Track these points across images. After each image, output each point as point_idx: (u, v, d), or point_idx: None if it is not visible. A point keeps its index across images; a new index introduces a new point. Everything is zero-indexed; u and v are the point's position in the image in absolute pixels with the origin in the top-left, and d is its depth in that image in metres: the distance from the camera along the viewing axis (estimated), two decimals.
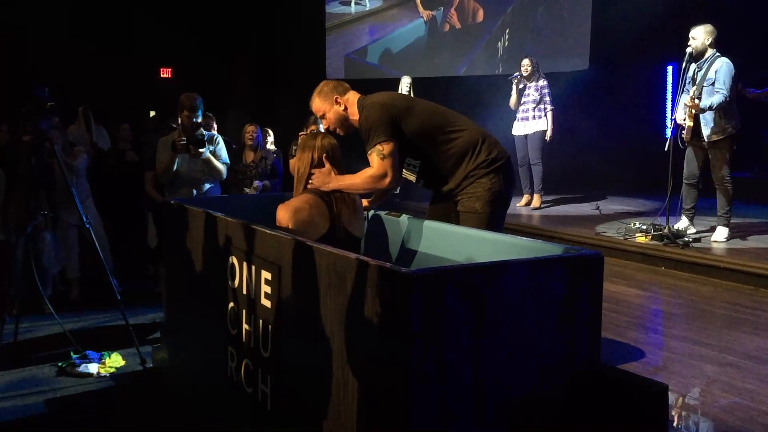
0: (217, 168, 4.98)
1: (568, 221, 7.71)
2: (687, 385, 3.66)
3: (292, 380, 2.48)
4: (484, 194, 3.32)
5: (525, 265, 2.18)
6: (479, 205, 3.31)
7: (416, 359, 1.90)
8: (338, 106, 3.43)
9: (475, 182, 3.33)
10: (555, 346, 2.17)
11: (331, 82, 3.55)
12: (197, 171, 4.94)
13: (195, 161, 4.88)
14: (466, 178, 3.35)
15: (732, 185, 6.19)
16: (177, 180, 4.94)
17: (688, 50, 6.08)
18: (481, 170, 3.33)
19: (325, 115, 3.46)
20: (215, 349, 3.10)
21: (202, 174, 4.96)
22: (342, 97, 3.43)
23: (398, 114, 3.29)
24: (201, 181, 4.99)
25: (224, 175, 5.12)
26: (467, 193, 3.35)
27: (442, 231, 3.16)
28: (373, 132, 3.23)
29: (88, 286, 5.77)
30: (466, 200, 3.35)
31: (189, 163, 4.90)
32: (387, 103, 3.32)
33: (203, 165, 4.91)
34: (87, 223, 4.39)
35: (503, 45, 11.06)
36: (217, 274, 3.06)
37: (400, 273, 1.92)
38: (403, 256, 3.35)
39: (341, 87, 3.47)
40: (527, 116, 8.32)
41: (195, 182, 4.97)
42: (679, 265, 6.05)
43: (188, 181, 4.94)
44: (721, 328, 4.60)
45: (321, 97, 3.46)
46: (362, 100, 3.41)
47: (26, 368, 4.22)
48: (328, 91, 3.45)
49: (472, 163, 3.34)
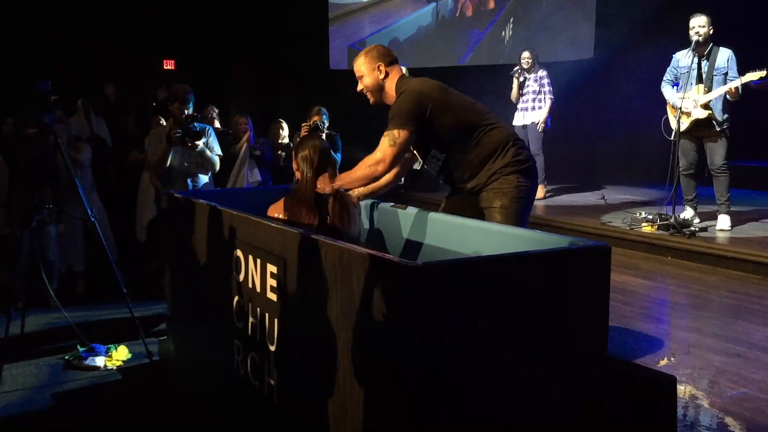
0: (211, 160, 4.96)
1: (573, 211, 7.69)
2: (695, 377, 3.64)
3: (299, 373, 2.47)
4: (511, 191, 3.28)
5: (531, 257, 2.16)
6: (507, 201, 3.27)
7: (419, 352, 1.89)
8: (379, 74, 3.39)
9: (502, 179, 3.29)
10: (562, 338, 2.16)
11: (382, 48, 3.49)
12: (191, 164, 4.91)
13: (188, 154, 4.84)
14: (493, 175, 3.30)
15: (729, 172, 6.18)
16: (171, 173, 4.91)
17: (697, 38, 6.01)
18: (508, 168, 3.30)
19: (363, 78, 3.42)
20: (221, 342, 3.10)
21: (195, 167, 4.94)
22: (386, 67, 3.39)
23: (433, 106, 3.25)
24: (195, 174, 4.97)
25: (217, 167, 5.08)
26: (493, 188, 3.30)
27: (447, 223, 3.15)
28: (398, 117, 3.21)
29: (94, 280, 5.77)
30: (492, 196, 3.30)
31: (182, 156, 4.87)
32: (425, 93, 3.28)
33: (197, 157, 4.88)
34: (92, 217, 4.38)
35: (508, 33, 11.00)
36: (223, 268, 3.05)
37: (406, 266, 1.91)
38: (409, 248, 3.33)
39: (389, 57, 3.43)
40: (527, 107, 8.34)
41: (189, 175, 4.94)
42: (686, 254, 6.03)
43: (182, 175, 4.92)
44: (728, 318, 4.58)
45: (367, 59, 3.40)
46: (402, 82, 3.37)
47: (33, 361, 4.23)
48: (376, 56, 3.40)
49: (499, 162, 3.30)
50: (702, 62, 6.11)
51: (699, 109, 6.08)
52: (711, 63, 6.07)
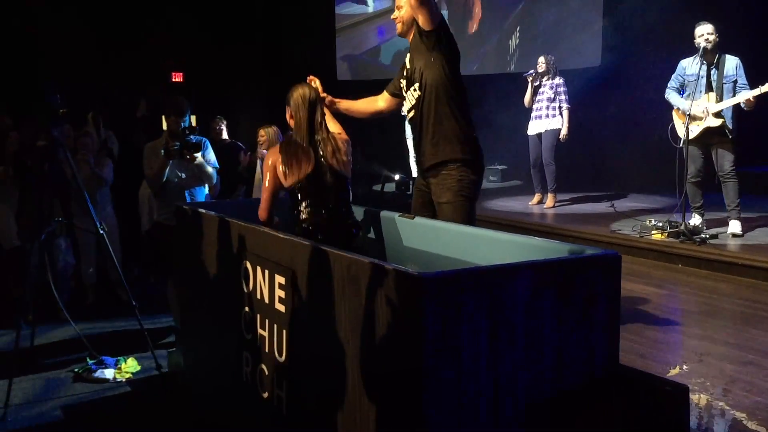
0: (208, 173, 4.92)
1: (582, 219, 7.66)
2: (707, 385, 3.61)
3: (308, 385, 2.46)
4: (454, 185, 3.53)
5: (541, 266, 2.15)
6: (451, 196, 3.53)
7: (431, 363, 1.87)
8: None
9: (448, 172, 3.56)
10: (573, 347, 2.14)
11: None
12: (189, 177, 4.88)
13: (185, 167, 4.81)
14: (444, 164, 3.56)
15: (738, 177, 6.15)
16: (168, 187, 4.85)
17: (705, 45, 5.99)
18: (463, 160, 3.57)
19: (402, 8, 3.68)
20: (230, 353, 3.09)
21: (192, 180, 4.91)
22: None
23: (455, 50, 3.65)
24: (192, 187, 4.95)
25: (215, 180, 5.06)
26: (439, 183, 3.57)
27: (455, 232, 3.13)
28: None
29: (103, 292, 5.79)
30: (439, 191, 3.57)
31: (178, 170, 4.84)
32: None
33: (194, 170, 4.85)
34: (101, 230, 4.39)
35: (515, 42, 11.01)
36: (231, 279, 3.05)
37: (414, 276, 1.90)
38: (416, 258, 3.32)
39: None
40: (540, 114, 8.23)
41: (187, 189, 4.91)
42: (696, 262, 5.99)
43: (180, 188, 4.88)
44: (740, 325, 4.55)
45: None
46: None
47: (42, 374, 4.23)
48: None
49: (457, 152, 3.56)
50: (711, 70, 6.09)
51: (711, 117, 6.05)
52: (720, 71, 6.05)
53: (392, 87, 3.91)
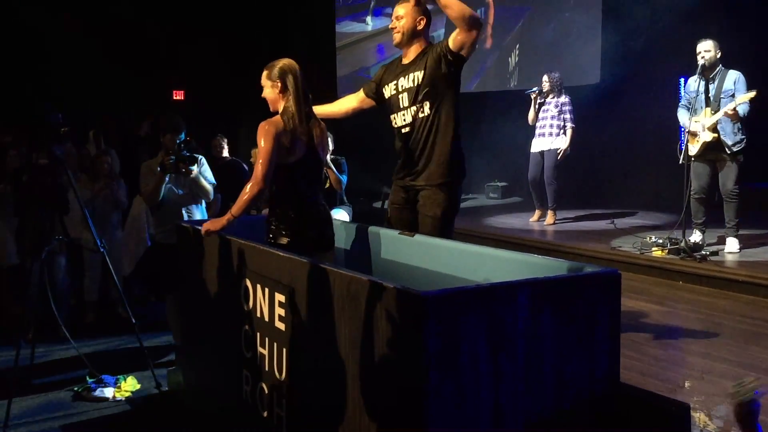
0: (205, 188, 4.92)
1: (582, 236, 7.65)
2: (708, 404, 3.59)
3: (308, 403, 2.46)
4: (443, 202, 3.66)
5: (541, 284, 2.15)
6: (439, 212, 3.65)
7: (433, 381, 1.87)
8: (418, 25, 3.73)
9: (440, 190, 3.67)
10: (574, 365, 2.14)
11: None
12: (186, 194, 4.88)
13: (181, 183, 4.81)
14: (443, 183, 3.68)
15: (740, 198, 6.15)
16: (165, 205, 4.84)
17: (702, 62, 6.03)
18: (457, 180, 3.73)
19: (402, 19, 3.74)
20: (230, 372, 3.08)
21: (189, 197, 4.90)
22: (425, 26, 3.76)
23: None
24: (189, 204, 4.94)
25: (211, 196, 5.05)
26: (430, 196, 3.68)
27: (455, 250, 3.14)
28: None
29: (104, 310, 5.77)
30: (429, 204, 3.68)
31: (175, 186, 4.83)
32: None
33: (191, 186, 4.85)
34: (101, 247, 4.39)
35: (514, 59, 11.05)
36: (231, 297, 3.04)
37: (415, 294, 1.90)
38: (416, 276, 3.32)
39: (430, 22, 3.79)
40: (544, 132, 8.20)
41: (184, 206, 4.90)
42: (697, 279, 5.97)
43: (177, 206, 4.87)
44: (741, 343, 4.53)
45: (415, 8, 3.70)
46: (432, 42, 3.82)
47: (42, 393, 4.21)
48: (424, 11, 3.74)
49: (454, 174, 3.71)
50: (710, 85, 6.12)
51: (707, 132, 6.07)
52: (718, 86, 6.07)
53: (368, 89, 4.02)
